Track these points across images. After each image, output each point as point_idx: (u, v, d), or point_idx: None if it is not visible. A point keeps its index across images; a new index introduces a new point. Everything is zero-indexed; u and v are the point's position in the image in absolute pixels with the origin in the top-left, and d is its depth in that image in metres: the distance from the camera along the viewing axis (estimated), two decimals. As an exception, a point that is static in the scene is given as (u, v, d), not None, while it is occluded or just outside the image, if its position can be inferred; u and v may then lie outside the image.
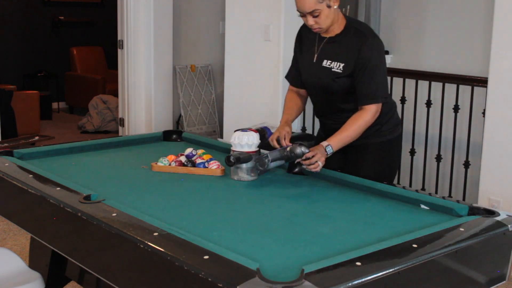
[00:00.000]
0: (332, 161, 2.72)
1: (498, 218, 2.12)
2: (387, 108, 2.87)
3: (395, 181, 4.67)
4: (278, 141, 2.76)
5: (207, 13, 6.61)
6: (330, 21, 2.71)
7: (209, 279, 1.60)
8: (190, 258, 1.72)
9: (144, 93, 6.29)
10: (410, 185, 4.72)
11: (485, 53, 4.26)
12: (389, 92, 2.81)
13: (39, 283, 2.46)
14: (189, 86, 6.63)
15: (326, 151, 2.63)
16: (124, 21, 6.19)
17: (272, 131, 4.69)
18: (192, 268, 1.65)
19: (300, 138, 4.48)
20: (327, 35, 2.81)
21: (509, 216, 2.15)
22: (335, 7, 2.69)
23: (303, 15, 2.71)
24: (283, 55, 4.81)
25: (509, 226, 2.07)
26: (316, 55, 2.83)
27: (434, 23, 5.36)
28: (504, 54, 3.71)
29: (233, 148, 2.68)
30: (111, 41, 7.74)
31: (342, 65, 2.74)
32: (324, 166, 2.64)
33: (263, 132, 2.77)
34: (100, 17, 9.62)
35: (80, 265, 2.23)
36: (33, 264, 2.81)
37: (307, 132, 4.97)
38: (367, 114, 2.72)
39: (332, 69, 2.76)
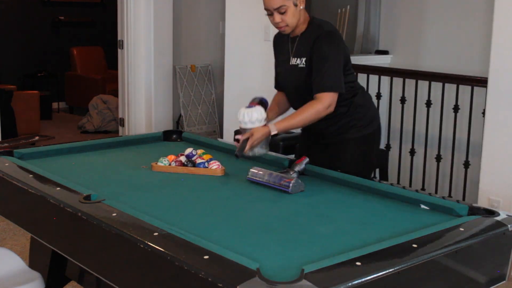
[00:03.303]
0: (314, 156, 2.81)
1: (498, 218, 2.12)
2: (361, 101, 2.95)
3: (395, 181, 4.68)
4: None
5: (207, 13, 6.61)
6: (296, 20, 2.77)
7: (209, 279, 1.60)
8: (190, 258, 1.72)
9: (144, 93, 6.29)
10: (410, 185, 4.72)
11: (485, 53, 4.26)
12: (343, 83, 2.85)
13: (39, 283, 2.46)
14: (189, 86, 6.63)
15: (270, 130, 2.68)
16: (124, 21, 6.19)
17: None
18: (192, 268, 1.65)
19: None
20: (294, 35, 2.88)
21: (509, 216, 2.15)
22: (302, 7, 2.76)
23: (270, 13, 2.76)
24: (283, 55, 4.81)
25: (509, 226, 2.07)
26: (290, 57, 2.90)
27: (434, 23, 5.36)
28: (504, 54, 3.71)
29: (243, 126, 2.67)
30: (111, 41, 7.74)
31: (304, 59, 2.81)
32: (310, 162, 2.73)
33: (265, 104, 2.81)
34: (100, 17, 9.62)
35: (80, 265, 2.23)
36: (33, 264, 2.81)
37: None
38: (319, 104, 2.74)
39: (299, 66, 2.83)
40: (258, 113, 2.66)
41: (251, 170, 2.59)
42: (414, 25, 5.50)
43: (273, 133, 2.68)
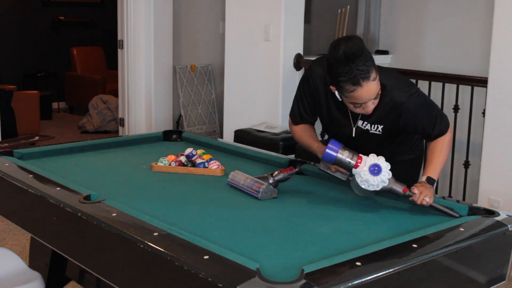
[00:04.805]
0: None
1: (498, 218, 2.13)
2: None
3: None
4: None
5: (207, 13, 6.61)
6: None
7: (209, 279, 1.60)
8: (190, 258, 1.72)
9: (144, 93, 6.29)
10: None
11: (485, 53, 4.26)
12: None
13: (39, 283, 2.46)
14: (189, 86, 6.63)
15: (430, 185, 2.39)
16: (124, 21, 6.19)
17: (274, 130, 4.66)
18: (192, 268, 1.65)
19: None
20: None
21: (509, 216, 2.15)
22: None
23: (359, 105, 2.35)
24: (283, 55, 4.81)
25: (509, 226, 2.07)
26: (351, 119, 2.53)
27: (434, 23, 5.36)
28: (504, 54, 3.71)
29: (385, 186, 2.34)
30: (111, 41, 7.74)
31: (381, 127, 2.50)
32: None
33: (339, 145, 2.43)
34: (100, 17, 9.62)
35: (80, 265, 2.23)
36: (33, 264, 2.81)
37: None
38: (446, 136, 2.54)
39: (370, 131, 2.52)
40: (384, 161, 2.33)
41: (231, 173, 2.56)
42: (414, 25, 5.49)
43: (434, 184, 2.44)
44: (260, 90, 4.99)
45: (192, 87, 6.65)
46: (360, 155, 2.35)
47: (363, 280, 1.63)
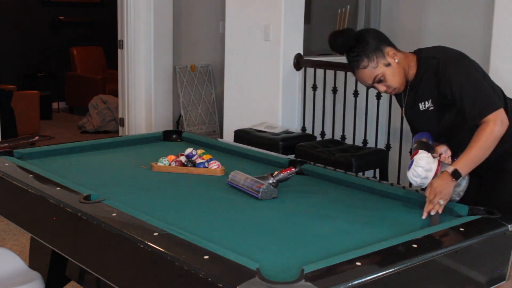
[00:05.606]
0: (467, 190, 2.36)
1: (498, 218, 2.13)
2: None
3: (395, 181, 4.68)
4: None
5: (207, 13, 6.61)
6: (401, 77, 2.44)
7: (209, 279, 1.60)
8: (190, 258, 1.72)
9: (144, 93, 6.29)
10: (410, 185, 4.72)
11: (485, 53, 4.26)
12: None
13: (39, 283, 2.46)
14: (189, 86, 6.63)
15: (453, 178, 2.27)
16: (124, 21, 6.20)
17: (274, 130, 4.67)
18: (192, 268, 1.65)
19: (300, 138, 4.48)
20: (408, 81, 2.52)
21: (509, 216, 2.15)
22: (396, 60, 2.42)
23: (371, 86, 2.47)
24: (283, 55, 4.81)
25: (509, 226, 2.07)
26: (410, 106, 2.55)
27: (434, 23, 5.37)
28: (504, 54, 3.70)
29: (423, 187, 2.35)
30: (111, 41, 7.74)
31: (430, 100, 2.46)
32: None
33: (427, 144, 2.43)
34: (100, 17, 9.62)
35: (80, 265, 2.23)
36: (33, 264, 2.81)
37: (307, 132, 4.97)
38: (489, 124, 2.31)
39: (429, 109, 2.47)
40: (423, 161, 2.32)
41: (231, 173, 2.57)
42: (414, 25, 5.50)
43: (460, 179, 2.28)
44: (260, 90, 4.99)
45: (192, 87, 6.65)
46: (417, 151, 2.37)
47: (363, 280, 1.63)
